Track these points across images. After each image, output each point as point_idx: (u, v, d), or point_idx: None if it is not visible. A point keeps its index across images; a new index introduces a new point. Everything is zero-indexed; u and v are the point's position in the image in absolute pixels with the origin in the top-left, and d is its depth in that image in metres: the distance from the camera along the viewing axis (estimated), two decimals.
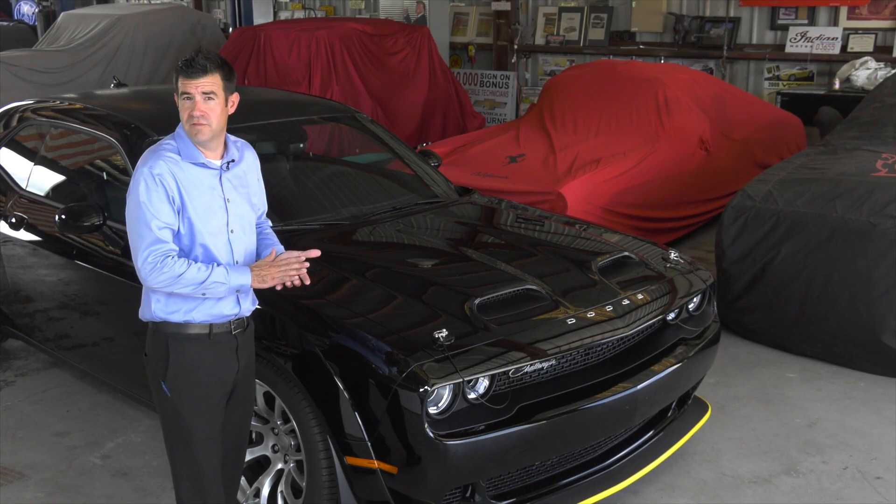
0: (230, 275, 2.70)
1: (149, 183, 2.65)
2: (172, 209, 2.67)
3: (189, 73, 2.66)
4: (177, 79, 2.70)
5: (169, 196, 2.66)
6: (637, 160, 6.54)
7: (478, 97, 11.33)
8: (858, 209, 4.78)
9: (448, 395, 3.01)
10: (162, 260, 2.63)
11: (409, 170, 4.86)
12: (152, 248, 2.63)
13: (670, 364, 3.56)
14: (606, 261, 3.83)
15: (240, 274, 2.73)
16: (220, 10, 15.64)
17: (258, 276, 2.75)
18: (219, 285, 2.68)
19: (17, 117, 4.85)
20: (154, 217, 2.64)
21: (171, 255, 2.65)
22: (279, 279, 2.77)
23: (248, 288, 2.78)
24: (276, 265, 2.78)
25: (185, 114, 2.69)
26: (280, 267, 2.77)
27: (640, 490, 3.69)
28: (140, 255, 2.64)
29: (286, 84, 8.61)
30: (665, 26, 10.23)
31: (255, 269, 2.76)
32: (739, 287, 5.13)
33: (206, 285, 2.66)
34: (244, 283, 2.73)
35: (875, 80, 8.13)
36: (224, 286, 2.69)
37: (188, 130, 2.70)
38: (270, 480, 3.41)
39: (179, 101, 2.70)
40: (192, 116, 2.67)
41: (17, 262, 4.51)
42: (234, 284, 2.71)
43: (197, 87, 2.66)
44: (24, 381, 4.87)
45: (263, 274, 2.75)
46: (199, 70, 2.66)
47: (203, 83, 2.66)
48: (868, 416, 4.33)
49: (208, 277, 2.66)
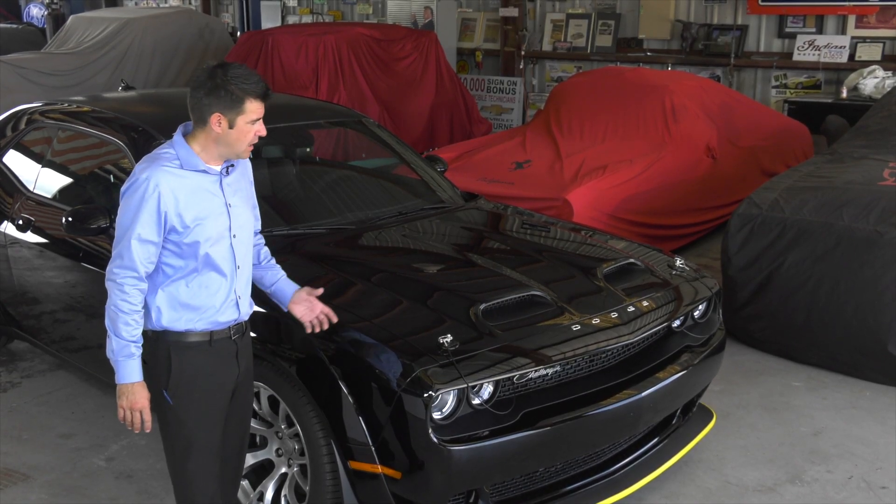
0: (120, 360, 2.66)
1: (144, 193, 2.62)
2: (158, 225, 2.63)
3: (265, 99, 2.68)
4: (242, 103, 2.63)
5: (160, 211, 2.62)
6: (643, 167, 6.54)
7: (484, 103, 11.35)
8: (865, 218, 4.77)
9: (452, 401, 3.01)
10: (126, 283, 2.64)
11: (416, 175, 4.87)
12: (126, 270, 2.64)
13: (675, 371, 3.56)
14: (612, 267, 3.83)
15: (128, 371, 2.66)
16: (229, 14, 15.70)
17: (128, 400, 2.68)
18: (112, 346, 2.66)
19: (26, 119, 4.86)
20: (138, 228, 2.62)
21: (138, 286, 2.65)
22: (121, 416, 2.72)
23: (119, 380, 2.69)
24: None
25: (250, 135, 2.69)
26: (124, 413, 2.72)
27: (644, 497, 3.68)
28: (114, 262, 2.66)
29: (293, 88, 8.63)
30: (672, 33, 10.24)
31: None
32: (745, 295, 5.12)
33: (113, 332, 2.65)
34: (119, 377, 2.67)
35: (883, 89, 8.12)
36: (112, 353, 2.66)
37: (244, 151, 2.71)
38: (274, 484, 3.41)
39: (243, 124, 2.65)
40: (255, 139, 2.71)
41: (23, 263, 4.53)
42: (115, 362, 2.67)
43: (262, 111, 2.70)
44: (29, 382, 4.88)
45: (125, 403, 2.69)
46: (268, 96, 2.71)
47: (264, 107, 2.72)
48: (874, 426, 4.31)
49: (117, 337, 2.64)
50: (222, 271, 2.75)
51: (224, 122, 2.64)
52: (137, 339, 2.68)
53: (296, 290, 3.03)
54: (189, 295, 2.72)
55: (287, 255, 3.66)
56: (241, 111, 2.64)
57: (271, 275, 3.04)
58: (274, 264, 3.08)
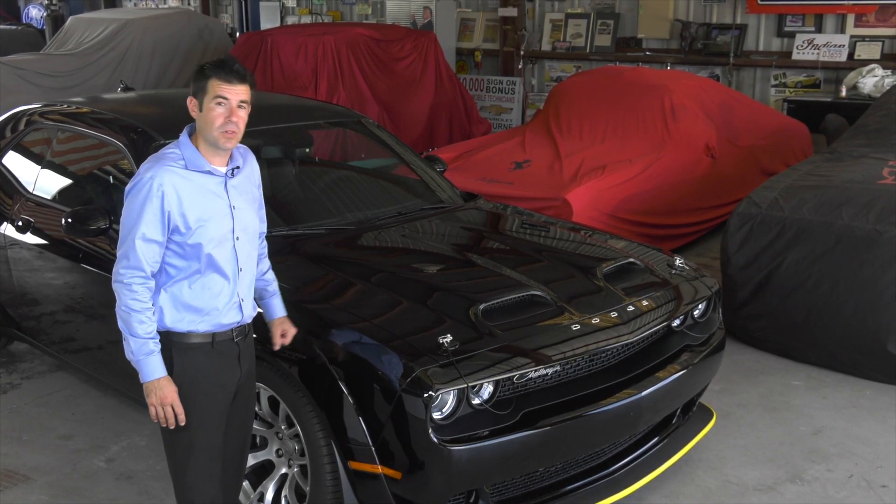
0: (141, 359, 2.66)
1: (148, 192, 2.62)
2: (162, 225, 2.64)
3: (228, 78, 2.61)
4: (206, 82, 2.62)
5: (164, 210, 2.63)
6: (643, 167, 6.54)
7: (484, 103, 11.35)
8: (864, 217, 4.77)
9: (452, 401, 3.01)
10: (134, 283, 2.65)
11: (415, 175, 4.87)
12: (133, 270, 2.64)
13: (675, 371, 3.56)
14: (611, 267, 3.83)
15: (151, 368, 2.67)
16: (228, 14, 15.70)
17: (157, 396, 2.68)
18: (130, 347, 2.67)
19: (25, 121, 4.86)
20: (143, 228, 2.62)
21: (146, 284, 2.65)
22: (153, 414, 2.71)
23: (144, 379, 2.69)
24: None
25: (217, 119, 2.62)
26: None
27: (644, 497, 3.68)
28: (120, 263, 2.66)
29: (293, 89, 8.63)
30: (672, 33, 10.24)
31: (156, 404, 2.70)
32: (745, 294, 5.12)
33: (129, 332, 2.66)
34: (143, 376, 2.68)
35: (882, 88, 8.12)
36: (131, 354, 2.67)
37: (217, 137, 2.65)
38: (274, 485, 3.41)
39: (208, 104, 2.62)
40: (227, 122, 2.63)
41: (23, 265, 4.53)
42: (136, 362, 2.67)
43: (236, 94, 2.63)
44: (29, 383, 4.88)
45: (155, 401, 2.69)
46: (238, 76, 2.63)
47: (240, 90, 2.64)
48: (874, 425, 4.31)
49: (134, 336, 2.65)
50: (225, 273, 2.75)
51: (195, 105, 2.67)
52: (154, 336, 2.68)
53: (279, 317, 3.06)
54: (192, 296, 2.72)
55: (287, 255, 3.66)
56: (205, 90, 2.63)
57: (260, 291, 3.04)
58: (269, 279, 3.07)
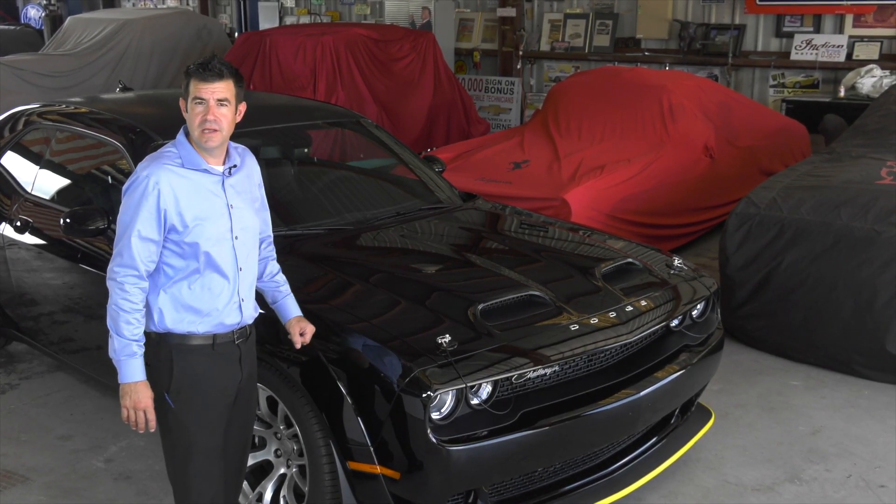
0: (122, 360, 2.66)
1: (144, 190, 2.63)
2: (158, 223, 2.64)
3: (204, 77, 2.62)
4: (188, 83, 2.65)
5: (160, 208, 2.63)
6: (641, 167, 6.54)
7: (482, 103, 11.35)
8: (863, 217, 4.78)
9: (451, 401, 3.01)
10: (127, 282, 2.65)
11: (414, 175, 4.87)
12: (126, 268, 2.64)
13: (674, 371, 3.56)
14: (610, 267, 3.83)
15: (131, 371, 2.66)
16: (226, 14, 15.70)
17: (131, 399, 2.67)
18: (114, 345, 2.66)
19: (23, 121, 4.86)
20: (138, 225, 2.63)
21: (139, 284, 2.65)
22: (125, 416, 2.71)
23: (122, 380, 2.68)
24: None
25: (196, 118, 2.64)
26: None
27: (643, 497, 3.68)
28: (115, 260, 2.66)
29: (291, 89, 8.63)
30: (670, 33, 10.25)
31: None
32: (743, 294, 5.13)
33: (115, 331, 2.65)
34: (121, 377, 2.67)
35: (880, 88, 8.13)
36: (114, 353, 2.67)
37: (198, 136, 2.66)
38: (273, 485, 3.41)
39: (190, 105, 2.65)
40: (205, 121, 2.63)
41: (21, 265, 4.52)
42: (118, 361, 2.67)
43: (212, 93, 2.62)
44: (28, 384, 4.88)
45: (129, 403, 2.68)
46: (214, 74, 2.62)
47: (218, 88, 2.63)
48: (872, 425, 4.31)
49: (119, 336, 2.64)
50: (224, 273, 2.74)
51: (184, 106, 2.70)
52: (139, 338, 2.68)
53: (296, 316, 3.04)
54: (192, 297, 2.71)
55: (286, 255, 3.66)
56: (188, 91, 2.67)
57: (272, 293, 3.05)
58: (280, 281, 3.07)
